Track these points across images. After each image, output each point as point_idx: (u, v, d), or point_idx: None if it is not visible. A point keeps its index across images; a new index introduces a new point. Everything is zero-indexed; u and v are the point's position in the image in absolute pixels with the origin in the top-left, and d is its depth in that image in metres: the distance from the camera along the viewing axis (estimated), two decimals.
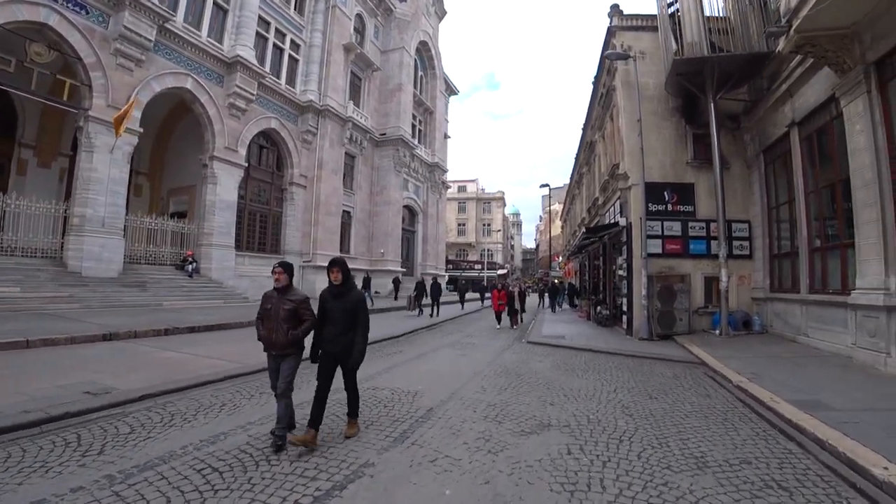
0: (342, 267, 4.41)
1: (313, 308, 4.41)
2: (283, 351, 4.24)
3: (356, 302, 4.41)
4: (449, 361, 9.18)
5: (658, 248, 12.91)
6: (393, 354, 9.80)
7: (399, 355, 9.72)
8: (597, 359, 9.52)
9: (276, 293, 4.32)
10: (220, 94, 22.19)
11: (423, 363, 8.93)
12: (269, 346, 4.28)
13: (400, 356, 9.61)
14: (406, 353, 9.99)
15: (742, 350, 9.72)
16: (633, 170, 13.20)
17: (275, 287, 4.35)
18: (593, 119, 19.76)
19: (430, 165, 40.51)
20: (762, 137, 12.73)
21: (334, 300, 4.39)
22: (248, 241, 25.41)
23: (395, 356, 9.59)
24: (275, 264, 4.41)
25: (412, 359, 9.34)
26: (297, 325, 4.26)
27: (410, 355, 9.79)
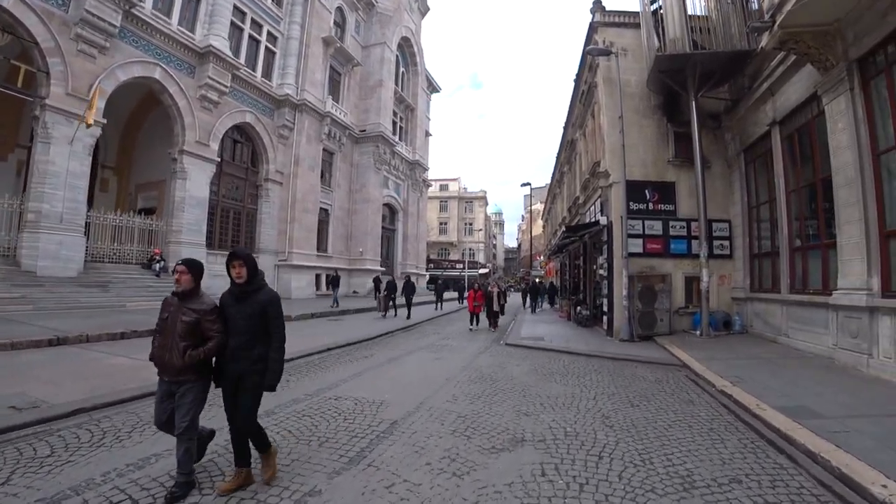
0: (246, 260, 3.42)
1: None
2: (179, 377, 3.26)
3: (265, 305, 3.40)
4: (421, 366, 8.75)
5: (639, 248, 12.68)
6: (362, 359, 9.33)
7: (369, 360, 9.26)
8: (576, 362, 9.20)
9: (175, 299, 3.36)
10: (191, 85, 21.40)
11: (393, 368, 8.49)
12: (161, 368, 3.31)
13: (369, 361, 9.15)
14: (377, 357, 9.54)
15: (723, 351, 9.50)
16: (614, 167, 12.94)
17: (174, 291, 3.38)
18: (574, 117, 19.53)
19: (411, 163, 40.01)
20: (743, 136, 12.59)
21: (236, 304, 3.40)
22: (221, 239, 24.59)
23: (365, 361, 9.13)
24: (178, 261, 3.53)
25: (383, 363, 8.89)
26: (200, 343, 3.28)
27: (381, 359, 9.34)
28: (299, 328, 13.96)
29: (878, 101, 7.82)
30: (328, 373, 7.90)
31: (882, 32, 7.38)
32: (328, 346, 10.53)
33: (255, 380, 3.37)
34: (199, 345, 3.26)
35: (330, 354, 9.85)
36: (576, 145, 20.03)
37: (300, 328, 13.94)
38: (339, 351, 10.37)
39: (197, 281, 3.42)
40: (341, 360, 9.23)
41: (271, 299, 3.46)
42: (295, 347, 9.92)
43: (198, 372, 3.32)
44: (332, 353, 9.99)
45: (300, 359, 9.12)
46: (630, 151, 12.87)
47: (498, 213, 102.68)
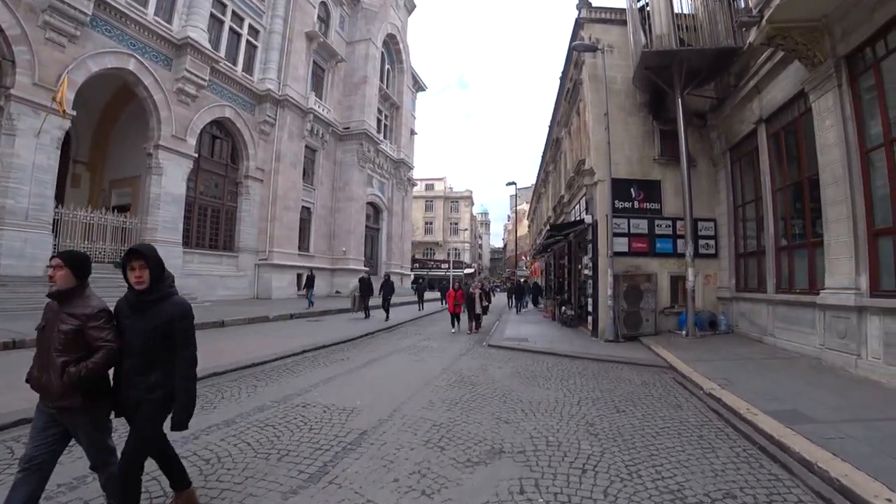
0: (149, 260, 2.64)
1: None
2: (61, 402, 2.49)
3: (171, 319, 2.66)
4: (399, 369, 8.41)
5: (624, 247, 12.48)
6: (338, 362, 8.96)
7: (345, 363, 8.89)
8: (560, 364, 8.92)
9: (56, 304, 2.62)
10: (167, 77, 20.74)
11: (370, 371, 8.13)
12: (39, 391, 2.56)
13: (346, 364, 8.77)
14: (354, 360, 9.16)
15: (709, 352, 9.31)
16: (599, 165, 12.72)
17: (49, 292, 2.60)
18: (559, 115, 19.33)
19: (396, 161, 39.57)
20: (729, 135, 12.46)
21: (133, 315, 2.66)
22: (199, 237, 23.94)
23: (341, 364, 8.76)
24: (52, 254, 2.85)
25: (359, 367, 8.52)
26: (85, 357, 2.52)
27: (358, 362, 8.98)
28: (277, 329, 13.53)
29: (866, 99, 7.68)
30: (300, 377, 7.52)
31: (870, 29, 7.23)
32: (304, 349, 10.14)
33: (153, 410, 2.64)
34: (84, 359, 2.50)
35: (305, 357, 9.45)
36: (561, 144, 19.83)
37: (278, 329, 13.51)
38: (315, 353, 9.97)
39: (80, 278, 2.65)
40: (316, 363, 8.85)
41: (181, 312, 2.72)
42: (269, 350, 9.54)
43: (87, 395, 2.54)
44: (308, 356, 9.59)
45: (273, 362, 8.72)
46: (615, 149, 12.68)
47: (484, 214, 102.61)
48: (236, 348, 9.73)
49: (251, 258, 26.60)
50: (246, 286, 26.15)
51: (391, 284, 18.29)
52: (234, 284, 25.31)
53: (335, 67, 33.58)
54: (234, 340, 10.88)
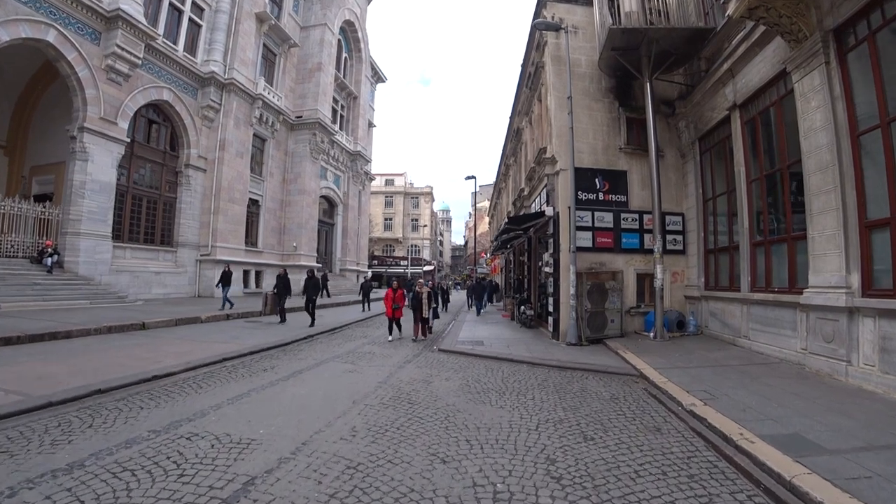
0: None
1: None
2: None
3: None
4: (329, 382, 7.05)
5: (588, 241, 11.51)
6: (259, 373, 7.53)
7: (267, 374, 7.47)
8: (518, 373, 7.80)
9: None
10: (95, 53, 18.56)
11: (293, 386, 6.75)
12: None
13: (267, 376, 7.36)
14: (279, 370, 7.76)
15: (682, 357, 8.39)
16: (561, 153, 11.71)
17: None
18: (520, 104, 18.31)
19: (352, 154, 37.85)
20: (698, 123, 11.69)
21: None
22: (132, 230, 21.77)
23: (261, 375, 7.34)
24: None
25: (282, 379, 7.13)
26: None
27: (283, 373, 7.58)
28: (205, 332, 11.89)
29: (858, 76, 6.88)
30: (205, 394, 6.09)
31: None
32: (225, 356, 8.65)
33: None
34: None
35: (223, 367, 7.98)
36: (521, 134, 18.83)
37: (206, 332, 11.87)
38: (237, 362, 8.50)
39: None
40: (233, 374, 7.40)
41: None
42: (182, 359, 8.06)
43: None
44: (227, 365, 8.12)
45: (180, 374, 7.24)
46: (579, 137, 11.72)
47: (445, 211, 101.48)
48: (144, 356, 8.18)
49: (192, 253, 24.56)
50: (185, 284, 24.11)
51: (316, 282, 14.95)
52: (172, 282, 23.26)
53: (288, 53, 31.66)
54: (147, 346, 9.29)
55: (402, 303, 11.71)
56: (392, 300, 11.45)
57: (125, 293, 18.95)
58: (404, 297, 11.90)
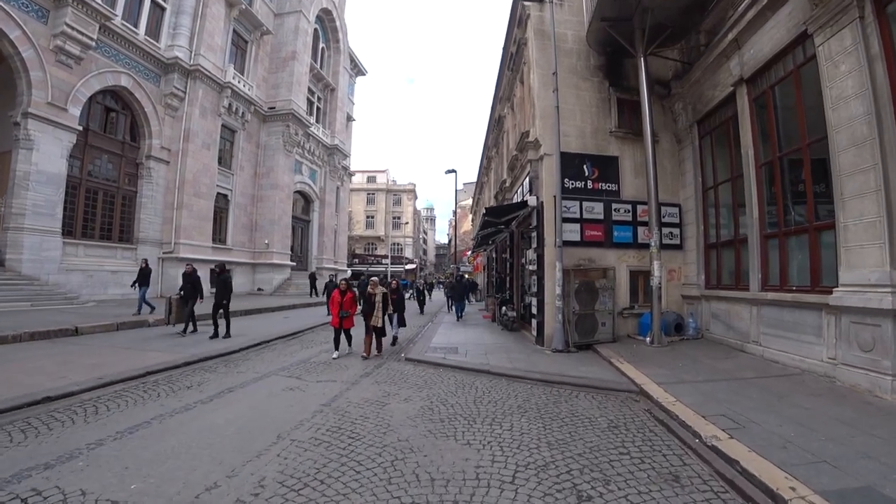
0: None
1: None
2: None
3: None
4: (258, 405, 5.65)
5: (576, 235, 10.26)
6: (184, 391, 6.15)
7: (192, 392, 6.10)
8: (495, 389, 6.49)
9: None
10: (42, 33, 16.98)
11: (211, 411, 5.34)
12: None
13: (190, 394, 5.98)
14: (207, 388, 6.35)
15: (687, 367, 7.16)
16: (545, 136, 10.44)
17: None
18: (502, 89, 17.01)
19: (329, 148, 36.25)
20: (697, 104, 10.52)
21: None
22: (86, 225, 20.06)
23: (183, 395, 5.96)
24: None
25: (203, 400, 5.73)
26: None
27: (211, 391, 6.19)
28: (145, 339, 10.39)
29: None
30: (93, 424, 4.74)
31: None
32: (149, 369, 7.23)
33: None
34: None
35: (143, 383, 6.59)
36: (503, 122, 17.54)
37: (147, 339, 10.38)
38: (164, 375, 7.11)
39: None
40: (150, 393, 6.03)
41: None
42: (95, 373, 6.71)
43: None
44: (149, 381, 6.71)
45: (84, 393, 5.94)
46: (566, 118, 10.49)
47: (429, 209, 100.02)
48: (50, 371, 6.76)
49: (154, 251, 22.86)
50: None
51: (226, 280, 11.28)
52: (130, 281, 21.56)
53: (260, 40, 30.05)
54: (62, 357, 7.86)
55: (353, 309, 9.21)
56: (339, 305, 8.89)
57: (76, 294, 17.36)
58: (355, 301, 9.34)
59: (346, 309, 8.95)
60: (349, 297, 9.03)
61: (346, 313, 8.93)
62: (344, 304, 8.93)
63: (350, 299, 9.05)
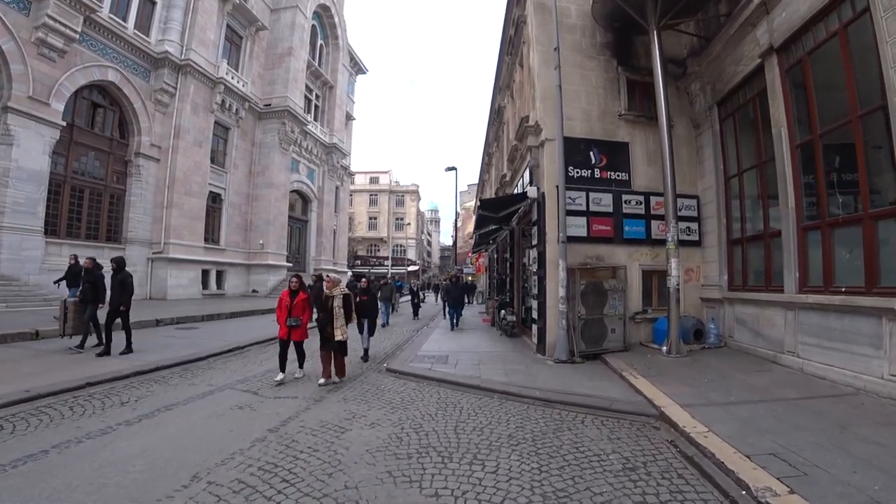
0: None
1: None
2: None
3: None
4: (191, 429, 4.57)
5: (582, 230, 9.12)
6: (116, 408, 5.17)
7: (123, 410, 5.11)
8: (483, 411, 5.37)
9: None
10: (23, 25, 16.35)
11: (129, 438, 4.25)
12: None
13: (119, 413, 4.99)
14: (144, 405, 5.32)
15: (714, 384, 6.00)
16: (547, 119, 9.32)
17: None
18: (501, 78, 15.89)
19: (328, 146, 35.32)
20: (717, 83, 9.38)
21: None
22: (72, 225, 19.35)
23: (110, 413, 4.97)
24: None
25: (133, 420, 4.73)
26: None
27: (146, 409, 5.17)
28: None
29: None
30: None
31: None
32: (90, 380, 6.27)
33: None
34: None
35: (75, 397, 5.64)
36: (503, 114, 16.42)
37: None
38: (106, 387, 6.16)
39: None
40: (77, 408, 5.18)
41: None
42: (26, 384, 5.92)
43: None
44: (81, 395, 5.73)
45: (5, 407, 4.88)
46: (570, 100, 9.37)
47: (434, 211, 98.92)
48: None
49: (143, 251, 22.08)
50: (135, 284, 21.40)
51: (123, 280, 8.58)
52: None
53: (255, 36, 29.23)
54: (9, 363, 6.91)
55: (306, 315, 6.91)
56: (288, 313, 6.68)
57: (59, 295, 16.46)
58: (308, 305, 6.99)
59: (297, 315, 6.74)
60: (301, 299, 6.84)
61: (295, 321, 6.70)
62: (294, 309, 6.74)
63: (302, 302, 6.84)
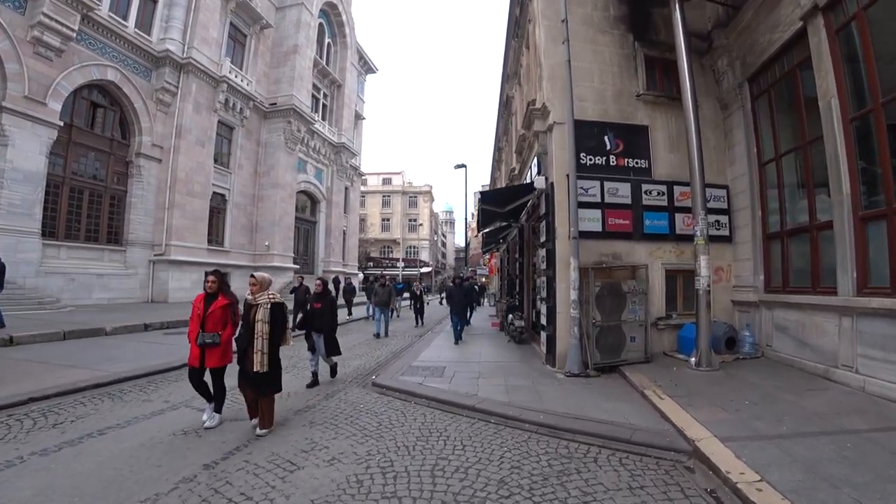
0: None
1: None
2: None
3: None
4: (113, 460, 3.72)
5: (597, 224, 8.05)
6: (48, 429, 4.50)
7: (54, 430, 4.43)
8: (472, 443, 4.37)
9: None
10: (18, 23, 15.86)
11: (31, 473, 3.43)
12: None
13: (47, 436, 4.28)
14: (81, 425, 4.59)
15: (758, 407, 4.90)
16: (555, 100, 8.29)
17: None
18: (509, 63, 14.86)
19: (336, 146, 34.60)
20: (748, 56, 8.27)
21: None
22: (71, 227, 18.83)
23: (40, 435, 4.26)
24: None
25: (53, 449, 3.97)
26: None
27: (78, 431, 4.45)
28: (74, 352, 8.59)
29: None
30: None
31: None
32: (32, 395, 5.50)
33: None
34: None
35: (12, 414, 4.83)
36: (511, 104, 15.38)
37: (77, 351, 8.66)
38: (53, 403, 5.36)
39: None
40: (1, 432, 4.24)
41: None
42: None
43: None
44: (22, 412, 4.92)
45: None
46: (581, 79, 8.35)
47: (448, 212, 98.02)
48: None
49: (144, 253, 21.55)
50: (136, 287, 21.06)
51: None
52: (118, 285, 20.19)
53: (260, 34, 28.66)
54: None
55: (227, 332, 4.82)
56: (200, 323, 4.69)
57: (56, 298, 16.19)
58: (231, 315, 4.90)
59: (213, 329, 4.69)
60: (220, 306, 4.77)
61: (211, 339, 4.66)
62: (208, 322, 4.69)
63: (222, 311, 4.78)
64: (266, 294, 4.79)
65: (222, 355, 4.80)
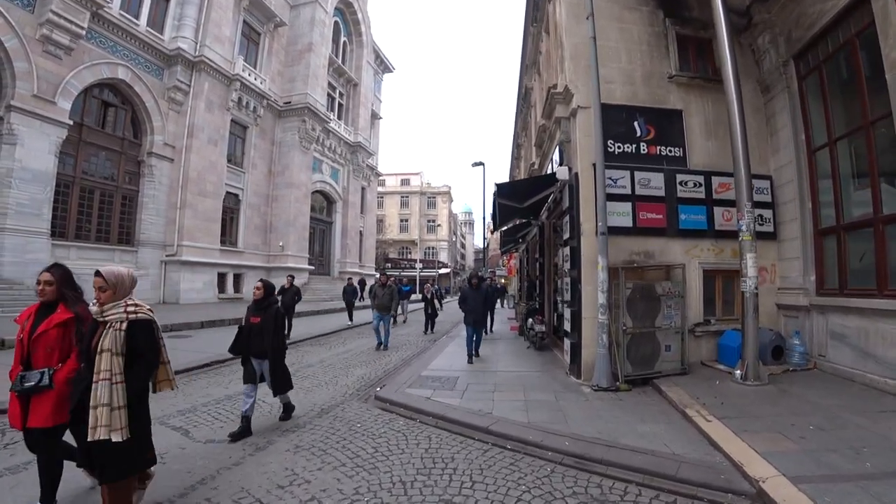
0: None
1: None
2: None
3: None
4: None
5: (627, 219, 7.24)
6: None
7: None
8: (483, 479, 3.64)
9: None
10: (27, 21, 15.73)
11: None
12: None
13: None
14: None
15: (826, 434, 4.08)
16: (579, 82, 7.52)
17: None
18: (528, 53, 14.06)
19: (352, 145, 34.20)
20: (794, 31, 7.38)
21: None
22: (81, 227, 18.77)
23: None
24: None
25: None
26: None
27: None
28: None
29: None
30: None
31: None
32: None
33: None
34: None
35: None
36: (530, 96, 14.59)
37: None
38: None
39: None
40: None
41: None
42: None
43: None
44: None
45: None
46: (607, 59, 7.57)
47: (468, 213, 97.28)
48: None
49: (156, 254, 21.41)
50: (147, 288, 20.86)
51: None
52: None
53: (274, 32, 28.44)
54: None
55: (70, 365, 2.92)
56: (23, 349, 2.90)
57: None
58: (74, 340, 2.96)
59: (43, 362, 2.90)
60: (56, 322, 2.93)
61: (34, 381, 2.82)
62: (36, 350, 2.90)
63: (56, 331, 2.93)
64: (121, 305, 2.76)
65: (56, 408, 2.83)
